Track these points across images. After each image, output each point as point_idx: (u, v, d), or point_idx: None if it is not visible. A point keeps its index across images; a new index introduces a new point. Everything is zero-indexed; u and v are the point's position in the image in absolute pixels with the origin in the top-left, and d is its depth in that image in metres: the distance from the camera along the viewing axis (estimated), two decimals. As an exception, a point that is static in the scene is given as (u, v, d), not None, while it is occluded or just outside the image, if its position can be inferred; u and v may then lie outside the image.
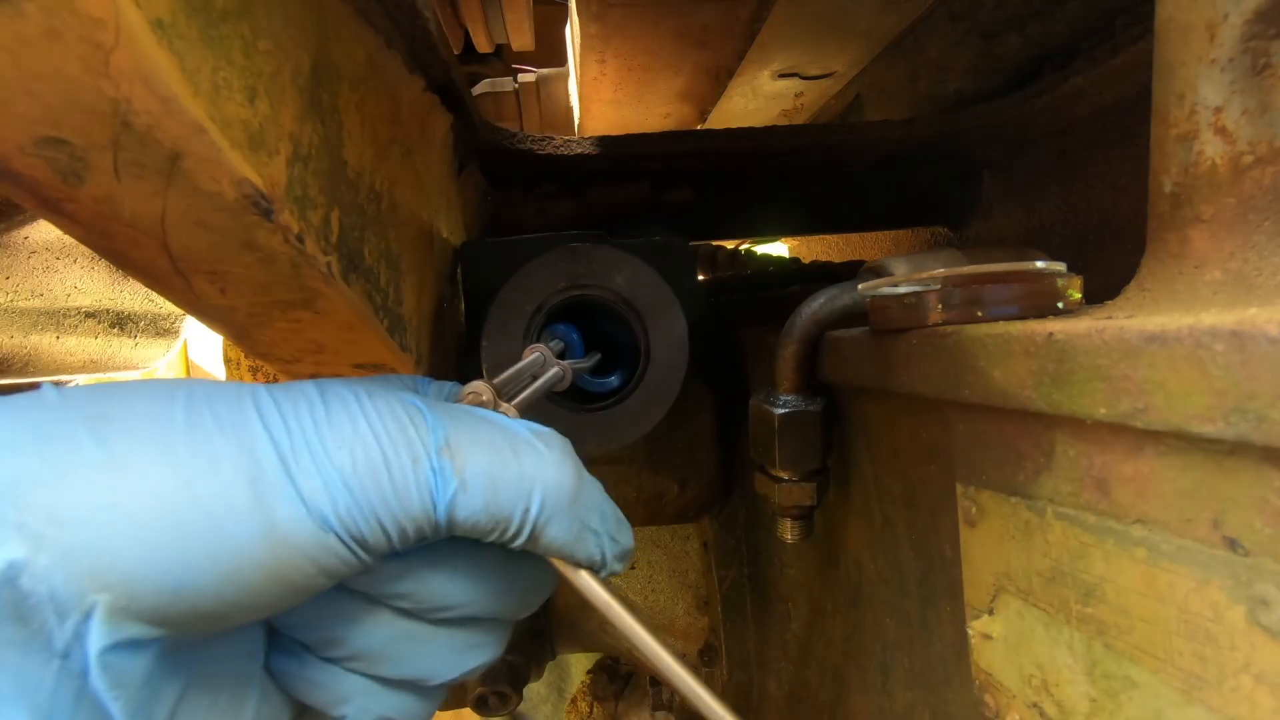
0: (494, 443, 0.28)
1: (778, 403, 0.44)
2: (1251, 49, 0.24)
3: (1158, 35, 0.28)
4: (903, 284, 0.32)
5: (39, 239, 1.30)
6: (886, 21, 0.81)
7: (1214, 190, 0.26)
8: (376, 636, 0.29)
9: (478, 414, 0.30)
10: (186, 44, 0.24)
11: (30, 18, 0.21)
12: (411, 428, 0.27)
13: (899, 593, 0.41)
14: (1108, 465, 0.24)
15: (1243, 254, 0.25)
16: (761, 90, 1.01)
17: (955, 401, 0.30)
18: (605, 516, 0.31)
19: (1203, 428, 0.20)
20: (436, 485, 0.26)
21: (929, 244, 0.98)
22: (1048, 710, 0.28)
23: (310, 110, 0.33)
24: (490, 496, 0.27)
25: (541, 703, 1.14)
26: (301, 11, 0.33)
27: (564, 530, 0.29)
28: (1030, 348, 0.25)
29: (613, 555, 0.31)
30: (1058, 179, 0.72)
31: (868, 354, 0.38)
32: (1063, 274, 0.30)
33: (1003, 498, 0.29)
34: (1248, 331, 0.18)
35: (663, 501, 0.70)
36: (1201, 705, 0.21)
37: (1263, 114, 0.24)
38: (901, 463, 0.39)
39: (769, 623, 0.70)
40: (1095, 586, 0.25)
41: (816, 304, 0.41)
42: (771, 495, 0.46)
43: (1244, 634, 0.20)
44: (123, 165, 0.25)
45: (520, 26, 0.69)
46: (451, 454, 0.27)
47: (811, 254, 1.40)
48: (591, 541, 0.30)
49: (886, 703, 0.45)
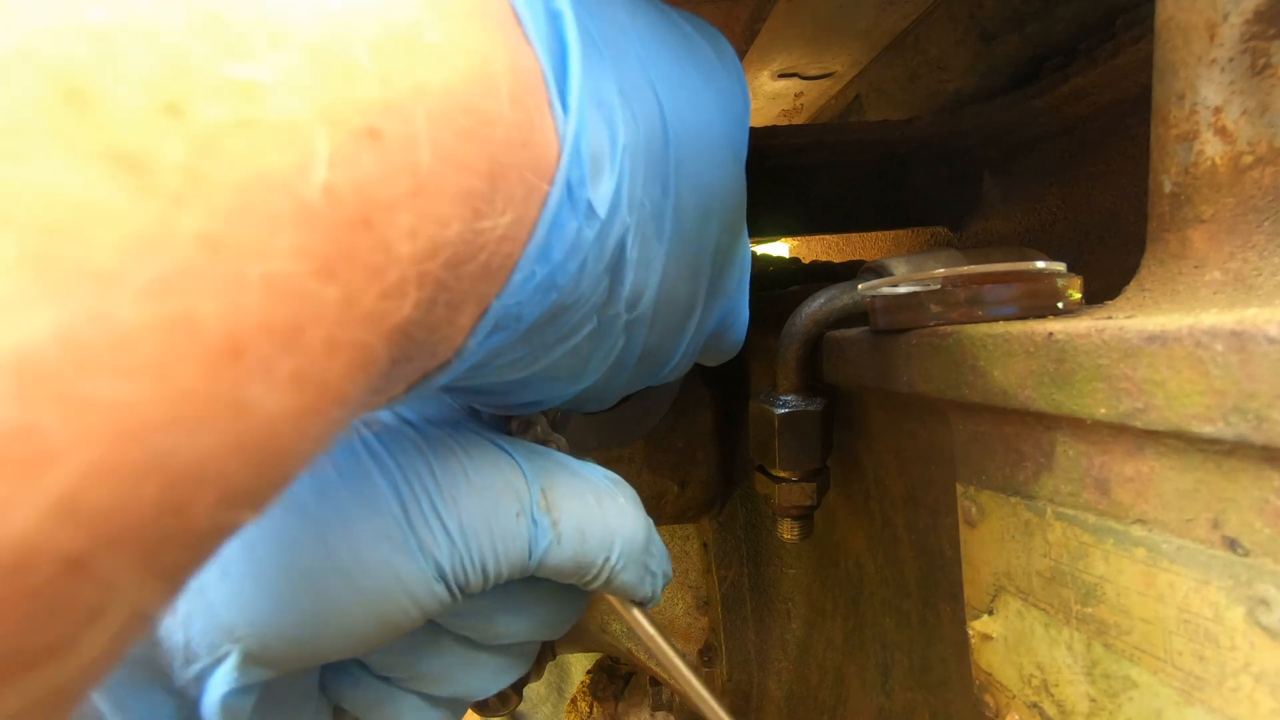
0: (583, 496, 0.30)
1: (778, 403, 0.44)
2: (1251, 49, 0.24)
3: (1158, 35, 0.28)
4: (903, 284, 0.32)
5: (39, 239, 1.30)
6: (886, 21, 0.81)
7: (1214, 190, 0.26)
8: (437, 662, 0.31)
9: (558, 460, 0.31)
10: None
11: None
12: (513, 480, 0.28)
13: (899, 593, 0.41)
14: (1108, 465, 0.24)
15: (1243, 254, 0.25)
16: (761, 90, 1.01)
17: (955, 401, 0.30)
18: (662, 557, 0.33)
19: (1203, 428, 0.20)
20: (535, 537, 0.28)
21: (929, 244, 0.98)
22: (1048, 710, 0.28)
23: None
24: (579, 547, 0.29)
25: (541, 703, 1.14)
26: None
27: (633, 575, 0.31)
28: (1030, 348, 0.25)
29: (661, 589, 0.33)
30: (1058, 179, 0.72)
31: (868, 354, 0.38)
32: (1063, 274, 0.30)
33: (1003, 498, 0.29)
34: (1248, 331, 0.18)
35: (662, 501, 0.70)
36: (1201, 705, 0.21)
37: (1263, 114, 0.24)
38: (901, 463, 0.39)
39: (769, 623, 0.70)
40: (1095, 586, 0.25)
41: (816, 304, 0.41)
42: (771, 495, 0.46)
43: (1244, 634, 0.20)
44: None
45: (520, 26, 0.68)
46: (548, 507, 0.28)
47: (811, 254, 1.40)
48: (649, 582, 0.32)
49: (886, 703, 0.45)
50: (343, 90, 0.14)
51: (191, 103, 0.12)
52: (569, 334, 0.24)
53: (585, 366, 0.27)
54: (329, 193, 0.14)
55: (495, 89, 0.18)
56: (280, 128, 0.13)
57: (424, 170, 0.16)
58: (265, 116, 0.13)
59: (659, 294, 0.26)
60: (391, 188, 0.15)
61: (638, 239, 0.23)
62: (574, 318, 0.23)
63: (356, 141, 0.14)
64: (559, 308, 0.22)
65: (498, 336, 0.21)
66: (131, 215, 0.11)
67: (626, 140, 0.22)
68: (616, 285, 0.24)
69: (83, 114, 0.11)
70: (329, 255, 0.14)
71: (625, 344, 0.27)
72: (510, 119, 0.18)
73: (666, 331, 0.30)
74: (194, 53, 0.13)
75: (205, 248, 0.12)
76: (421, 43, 0.16)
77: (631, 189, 0.22)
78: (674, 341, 0.31)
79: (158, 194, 0.11)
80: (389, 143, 0.15)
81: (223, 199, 0.12)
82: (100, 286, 0.10)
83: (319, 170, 0.14)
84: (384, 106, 0.15)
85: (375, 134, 0.15)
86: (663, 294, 0.27)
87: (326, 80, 0.14)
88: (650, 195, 0.24)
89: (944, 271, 0.31)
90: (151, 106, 0.12)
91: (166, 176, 0.12)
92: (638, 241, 0.23)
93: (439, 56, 0.17)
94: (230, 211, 0.12)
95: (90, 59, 0.11)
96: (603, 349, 0.27)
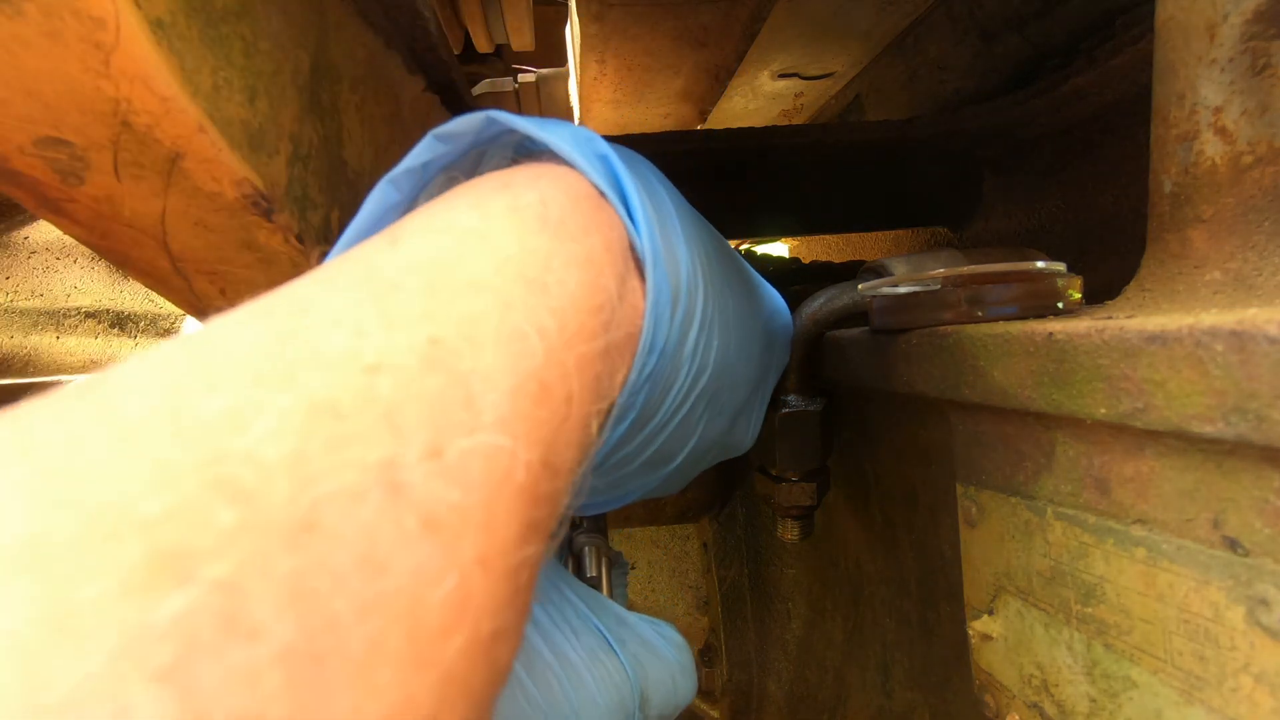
0: (663, 682, 0.34)
1: (778, 403, 0.44)
2: (1251, 49, 0.24)
3: (1158, 35, 0.28)
4: (903, 284, 0.32)
5: (39, 239, 1.30)
6: (886, 22, 0.81)
7: (1214, 190, 0.26)
8: None
9: (644, 636, 0.34)
10: (186, 44, 0.24)
11: (30, 18, 0.21)
12: (623, 690, 0.32)
13: (899, 593, 0.41)
14: (1108, 465, 0.24)
15: (1243, 254, 0.25)
16: (761, 90, 1.01)
17: (955, 401, 0.30)
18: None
19: (1203, 428, 0.20)
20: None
21: (929, 244, 0.98)
22: (1048, 710, 0.28)
23: (310, 110, 0.33)
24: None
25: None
26: (301, 11, 0.33)
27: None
28: (1030, 348, 0.25)
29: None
30: (1058, 179, 0.72)
31: (868, 354, 0.38)
32: (1063, 274, 0.30)
33: (1003, 498, 0.29)
34: (1248, 331, 0.18)
35: (662, 502, 0.70)
36: (1201, 705, 0.21)
37: (1263, 114, 0.24)
38: (901, 463, 0.39)
39: (769, 623, 0.70)
40: (1095, 586, 0.25)
41: (816, 304, 0.41)
42: (772, 495, 0.46)
43: (1244, 634, 0.20)
44: (123, 165, 0.25)
45: (520, 27, 0.69)
46: (645, 706, 0.33)
47: (811, 254, 1.40)
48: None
49: (886, 703, 0.45)
50: (524, 363, 0.18)
51: (447, 447, 0.15)
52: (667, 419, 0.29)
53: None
54: (529, 468, 0.17)
55: (601, 281, 0.23)
56: (498, 427, 0.16)
57: (574, 390, 0.19)
58: (486, 423, 0.16)
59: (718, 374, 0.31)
60: (555, 427, 0.18)
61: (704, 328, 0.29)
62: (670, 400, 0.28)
63: (535, 405, 0.18)
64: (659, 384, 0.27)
65: (616, 434, 0.26)
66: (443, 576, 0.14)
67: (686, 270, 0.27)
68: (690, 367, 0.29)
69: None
70: (537, 519, 0.17)
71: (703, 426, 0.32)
72: (614, 283, 0.23)
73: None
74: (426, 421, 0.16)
75: (482, 568, 0.15)
76: (550, 281, 0.20)
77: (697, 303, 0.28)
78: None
79: (451, 549, 0.15)
80: (553, 390, 0.19)
81: (479, 516, 0.15)
82: (448, 644, 0.14)
83: (522, 452, 0.17)
84: (546, 360, 0.19)
85: (545, 389, 0.18)
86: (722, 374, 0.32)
87: (512, 358, 0.18)
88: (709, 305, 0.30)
89: (944, 271, 0.31)
90: (417, 454, 0.15)
91: (453, 526, 0.15)
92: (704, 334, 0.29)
93: (563, 284, 0.21)
94: (484, 528, 0.15)
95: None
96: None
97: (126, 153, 0.25)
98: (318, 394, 0.14)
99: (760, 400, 0.40)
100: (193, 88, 0.24)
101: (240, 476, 0.12)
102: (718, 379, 0.31)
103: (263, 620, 0.11)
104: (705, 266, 0.29)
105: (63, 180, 0.25)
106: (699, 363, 0.29)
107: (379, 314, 0.16)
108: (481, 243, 0.20)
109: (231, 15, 0.27)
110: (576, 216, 0.23)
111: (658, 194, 0.29)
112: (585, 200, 0.24)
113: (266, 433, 0.13)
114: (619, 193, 0.26)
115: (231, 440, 0.13)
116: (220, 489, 0.12)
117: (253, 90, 0.28)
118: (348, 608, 0.12)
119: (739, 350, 0.34)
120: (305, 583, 0.12)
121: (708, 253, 0.31)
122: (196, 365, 0.14)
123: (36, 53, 0.21)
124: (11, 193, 0.26)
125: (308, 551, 0.12)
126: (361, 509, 0.13)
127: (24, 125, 0.24)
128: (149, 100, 0.23)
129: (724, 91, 0.98)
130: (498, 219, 0.21)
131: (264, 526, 0.12)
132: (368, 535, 0.13)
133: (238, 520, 0.12)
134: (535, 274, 0.20)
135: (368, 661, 0.12)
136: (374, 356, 0.15)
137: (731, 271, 0.34)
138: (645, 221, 0.25)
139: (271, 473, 0.13)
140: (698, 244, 0.30)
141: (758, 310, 0.37)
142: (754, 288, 0.38)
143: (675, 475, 0.35)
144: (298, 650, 0.12)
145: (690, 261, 0.28)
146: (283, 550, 0.12)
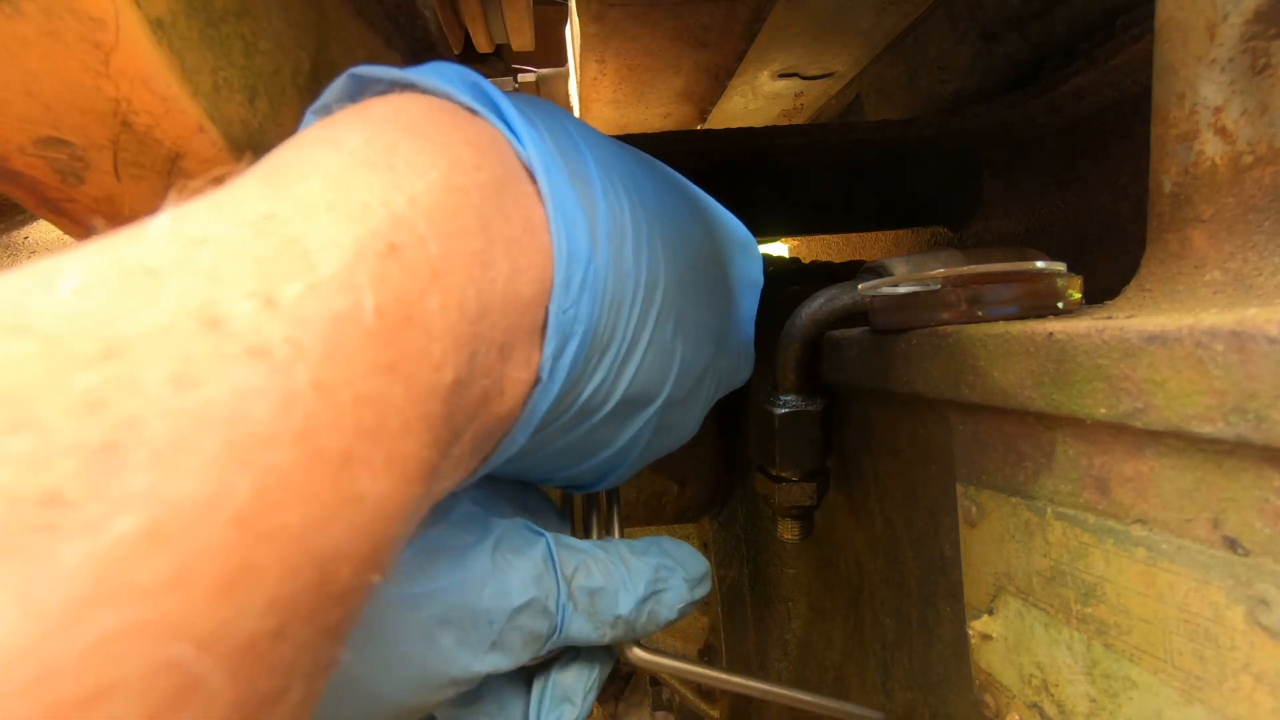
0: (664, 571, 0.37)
1: (778, 403, 0.44)
2: (1251, 49, 0.24)
3: (1158, 35, 0.28)
4: (903, 284, 0.32)
5: (39, 239, 1.30)
6: (886, 21, 0.81)
7: (1214, 190, 0.26)
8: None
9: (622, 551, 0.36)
10: (186, 44, 0.24)
11: (30, 18, 0.21)
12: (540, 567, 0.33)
13: (899, 593, 0.41)
14: (1108, 465, 0.24)
15: (1243, 254, 0.25)
16: (761, 90, 1.01)
17: (955, 401, 0.30)
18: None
19: (1203, 428, 0.20)
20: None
21: (929, 244, 0.98)
22: (1048, 710, 0.28)
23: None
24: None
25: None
26: (301, 11, 0.33)
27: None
28: (1030, 348, 0.25)
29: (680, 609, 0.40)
30: (1058, 179, 0.72)
31: (868, 354, 0.38)
32: (1063, 274, 0.30)
33: (1003, 498, 0.29)
34: (1248, 331, 0.18)
35: (663, 501, 0.70)
36: (1201, 705, 0.21)
37: (1263, 114, 0.24)
38: (901, 463, 0.39)
39: (769, 623, 0.70)
40: (1095, 586, 0.25)
41: (816, 304, 0.41)
42: (771, 495, 0.46)
43: (1244, 634, 0.20)
44: (123, 165, 0.25)
45: (520, 27, 0.69)
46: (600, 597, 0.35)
47: (811, 254, 1.40)
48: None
49: (886, 703, 0.45)
50: (364, 225, 0.18)
51: (278, 293, 0.16)
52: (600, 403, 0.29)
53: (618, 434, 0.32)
54: (380, 312, 0.17)
55: (463, 165, 0.23)
56: (337, 277, 0.17)
57: (435, 255, 0.20)
58: (323, 276, 0.17)
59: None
60: (416, 284, 0.19)
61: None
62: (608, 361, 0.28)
63: (383, 261, 0.18)
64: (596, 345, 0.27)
65: (570, 351, 0.26)
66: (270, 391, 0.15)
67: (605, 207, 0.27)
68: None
69: None
70: (391, 358, 0.18)
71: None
72: (487, 178, 0.23)
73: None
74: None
75: (318, 391, 0.16)
76: (397, 163, 0.21)
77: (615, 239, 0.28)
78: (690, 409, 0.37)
79: (282, 373, 0.15)
80: (405, 250, 0.19)
81: (317, 349, 0.16)
82: (273, 450, 0.14)
83: (368, 297, 0.17)
84: (392, 224, 0.19)
85: (394, 248, 0.19)
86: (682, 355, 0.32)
87: (351, 223, 0.18)
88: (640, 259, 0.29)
89: (944, 271, 0.31)
90: (239, 297, 0.15)
91: (285, 355, 0.15)
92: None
93: (415, 169, 0.21)
94: (323, 359, 0.16)
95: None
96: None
97: (126, 153, 0.25)
98: (131, 260, 0.15)
99: (738, 324, 0.39)
100: (193, 88, 0.24)
101: (40, 323, 0.13)
102: (679, 293, 0.31)
103: (50, 421, 0.12)
104: (628, 185, 0.30)
105: (63, 180, 0.25)
106: (648, 275, 0.29)
107: (211, 206, 0.17)
108: (322, 143, 0.21)
109: (231, 15, 0.27)
110: (432, 117, 0.24)
111: (559, 123, 0.29)
112: (443, 110, 0.25)
113: (71, 291, 0.14)
114: (497, 112, 0.26)
115: (33, 299, 0.14)
116: (16, 334, 0.13)
117: (253, 90, 0.28)
118: (151, 412, 0.13)
119: (695, 263, 0.33)
120: (99, 395, 0.13)
121: (632, 174, 0.31)
122: (37, 265, 0.15)
123: (36, 53, 0.21)
124: (11, 193, 0.26)
125: (104, 370, 0.13)
126: (169, 339, 0.14)
127: (24, 125, 0.24)
128: (149, 100, 0.23)
129: (724, 91, 0.98)
130: (343, 125, 0.22)
131: (60, 355, 0.13)
132: (178, 358, 0.14)
133: (34, 351, 0.13)
134: (379, 158, 0.21)
135: (171, 451, 0.13)
136: (199, 233, 0.16)
137: (668, 190, 0.34)
138: (526, 129, 0.26)
139: (74, 318, 0.13)
140: (616, 166, 0.30)
141: (708, 224, 0.37)
142: (701, 207, 0.38)
143: (675, 415, 0.34)
144: (88, 441, 0.12)
145: (605, 179, 0.28)
146: (79, 370, 0.13)
